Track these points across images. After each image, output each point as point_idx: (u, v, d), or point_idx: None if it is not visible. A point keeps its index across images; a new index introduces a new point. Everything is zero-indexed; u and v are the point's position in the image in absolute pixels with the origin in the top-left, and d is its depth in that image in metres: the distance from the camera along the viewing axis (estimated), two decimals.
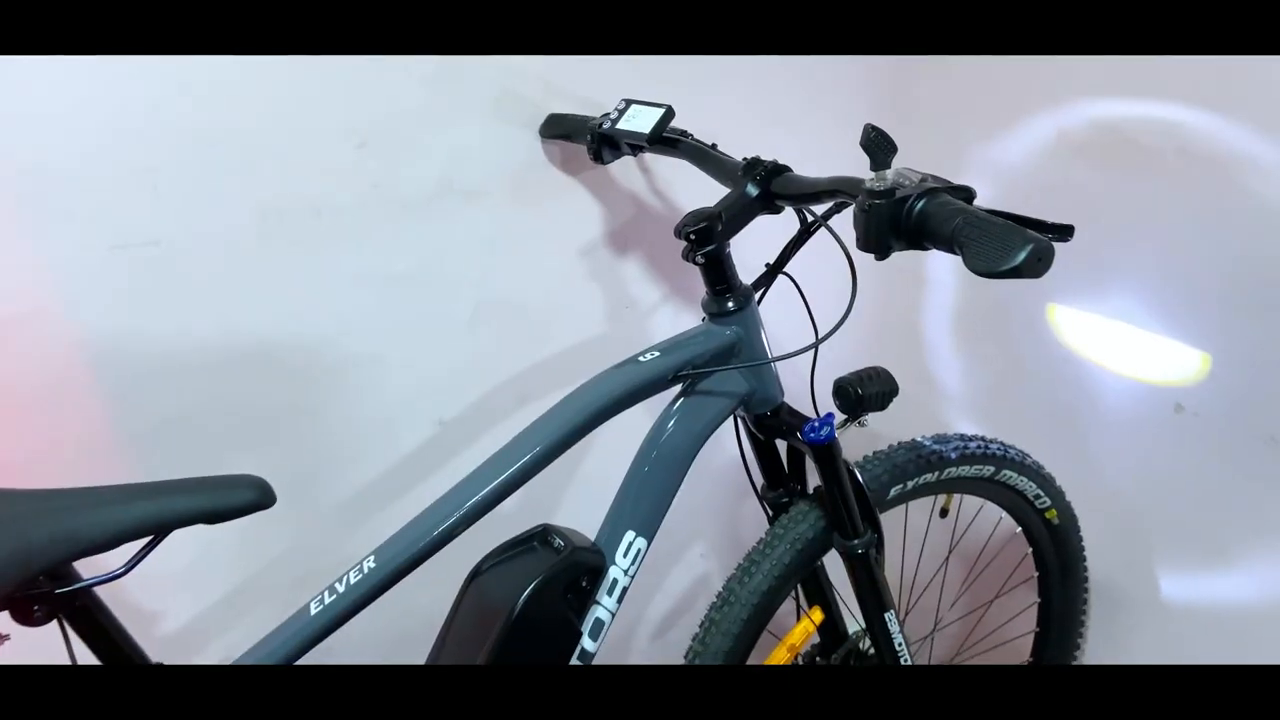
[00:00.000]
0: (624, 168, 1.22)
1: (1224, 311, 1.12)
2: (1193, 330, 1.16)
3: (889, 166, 0.74)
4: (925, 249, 0.73)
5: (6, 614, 0.65)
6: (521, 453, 0.85)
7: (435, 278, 1.13)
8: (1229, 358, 1.13)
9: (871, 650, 1.18)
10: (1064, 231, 0.71)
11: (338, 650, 1.18)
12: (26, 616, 0.65)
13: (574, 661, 0.90)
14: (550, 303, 1.22)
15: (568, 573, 0.86)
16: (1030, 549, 1.29)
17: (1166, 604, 1.28)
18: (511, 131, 1.13)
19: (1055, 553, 1.28)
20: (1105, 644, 1.37)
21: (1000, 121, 1.29)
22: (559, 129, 1.11)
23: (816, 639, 1.19)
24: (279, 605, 0.89)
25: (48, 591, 0.65)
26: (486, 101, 1.10)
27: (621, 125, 1.03)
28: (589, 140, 1.06)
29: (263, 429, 1.06)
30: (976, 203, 0.74)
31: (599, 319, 1.26)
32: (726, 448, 1.18)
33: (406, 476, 1.16)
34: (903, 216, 0.72)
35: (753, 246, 0.98)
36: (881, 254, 0.74)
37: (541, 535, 0.90)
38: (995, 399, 1.46)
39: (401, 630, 1.08)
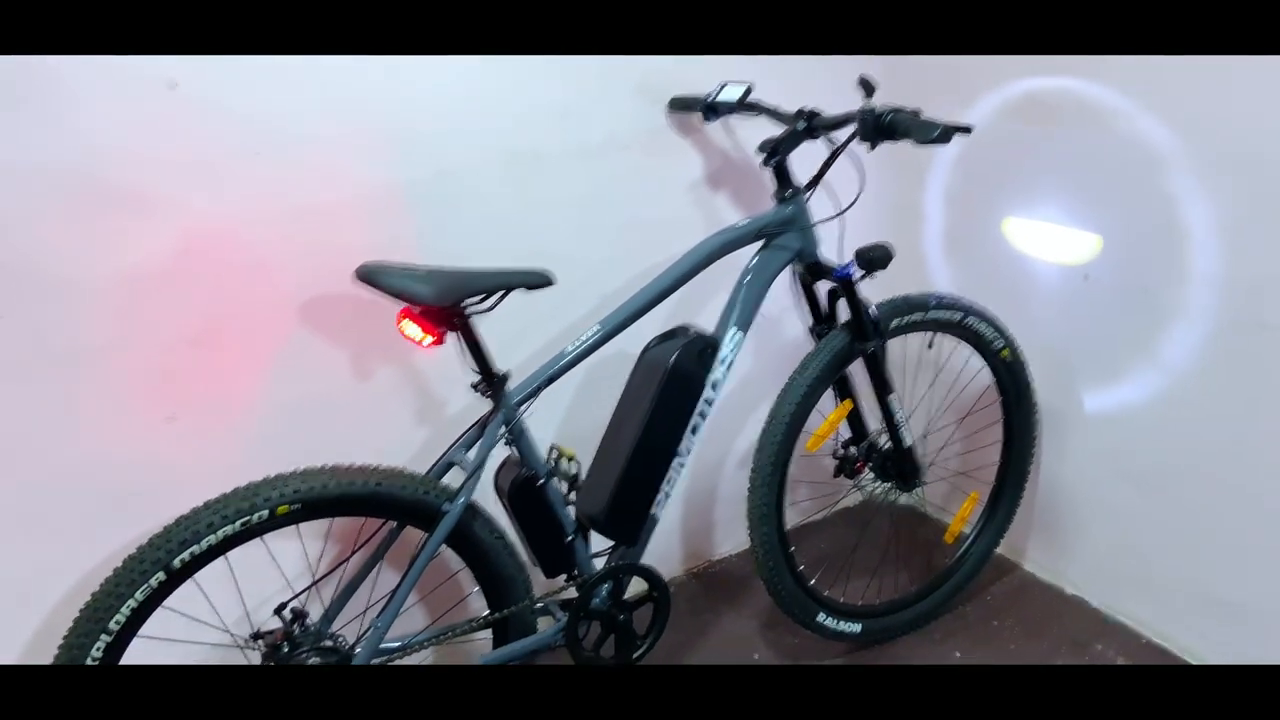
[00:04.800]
0: (716, 132, 1.86)
1: (1108, 209, 1.71)
2: (1090, 223, 1.75)
3: (873, 98, 1.38)
4: (896, 140, 1.37)
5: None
6: (671, 274, 1.51)
7: (600, 201, 1.78)
8: (1113, 239, 1.72)
9: (887, 445, 1.80)
10: (966, 129, 1.35)
11: (546, 435, 1.82)
12: (450, 323, 1.31)
13: (702, 403, 1.53)
14: (670, 218, 1.86)
15: (698, 344, 1.50)
16: (993, 379, 1.89)
17: (1088, 415, 1.85)
18: (646, 107, 1.78)
19: (1011, 382, 1.87)
20: (1053, 451, 1.95)
21: (966, 97, 1.90)
22: (680, 105, 1.76)
23: (849, 433, 1.81)
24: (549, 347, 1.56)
25: (459, 312, 1.31)
26: (632, 89, 1.75)
27: (720, 97, 1.69)
28: (701, 108, 1.72)
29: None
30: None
31: (700, 230, 1.88)
32: (786, 333, 1.80)
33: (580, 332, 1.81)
34: (880, 123, 1.37)
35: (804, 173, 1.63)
36: (873, 144, 1.39)
37: (682, 329, 1.54)
38: (968, 280, 2.05)
39: (589, 428, 1.71)
